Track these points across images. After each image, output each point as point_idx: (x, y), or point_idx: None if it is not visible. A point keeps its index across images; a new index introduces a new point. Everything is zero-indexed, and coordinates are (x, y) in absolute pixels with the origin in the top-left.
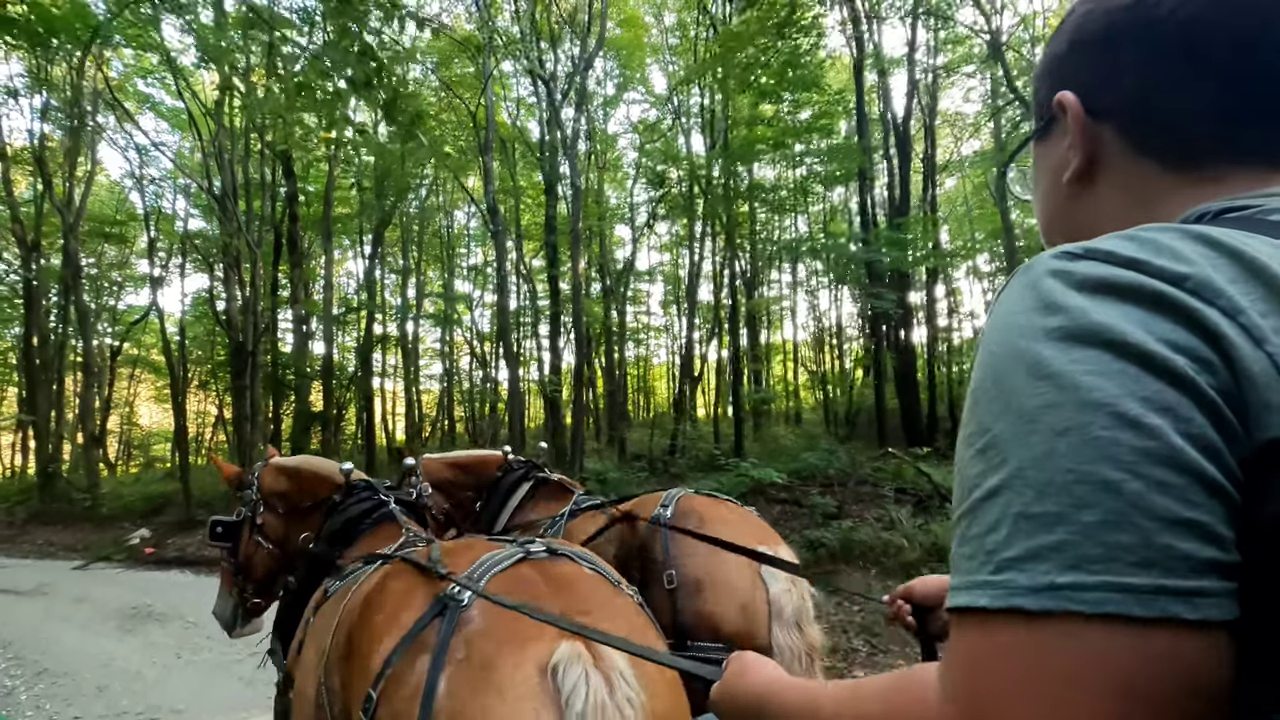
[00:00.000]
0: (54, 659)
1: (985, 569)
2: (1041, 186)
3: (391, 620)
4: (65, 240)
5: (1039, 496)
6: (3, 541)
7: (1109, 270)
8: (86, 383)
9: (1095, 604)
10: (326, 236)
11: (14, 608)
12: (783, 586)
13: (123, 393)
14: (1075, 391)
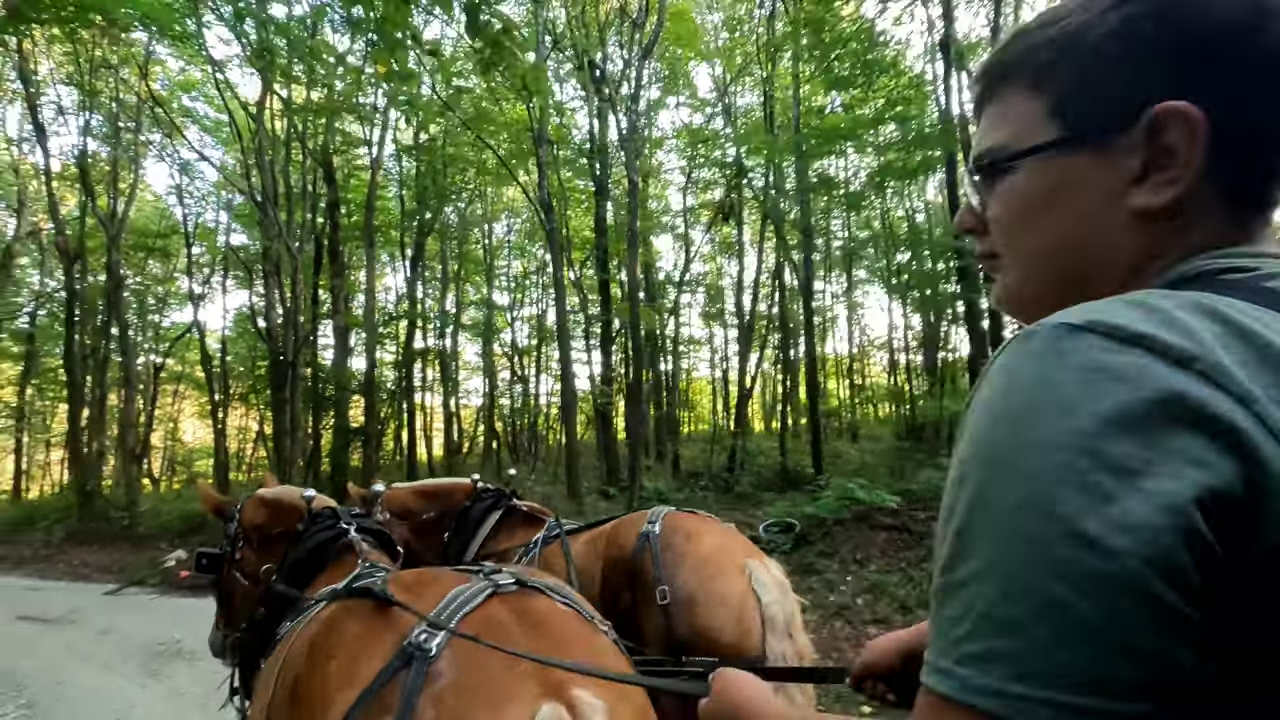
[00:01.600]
0: (69, 707)
1: (949, 657)
2: (1065, 208)
3: (348, 670)
4: (108, 253)
5: (1002, 599)
6: (39, 562)
7: (1110, 357)
8: (127, 397)
9: (1034, 718)
10: (369, 243)
11: (39, 639)
12: (774, 596)
13: (166, 409)
14: (1045, 500)
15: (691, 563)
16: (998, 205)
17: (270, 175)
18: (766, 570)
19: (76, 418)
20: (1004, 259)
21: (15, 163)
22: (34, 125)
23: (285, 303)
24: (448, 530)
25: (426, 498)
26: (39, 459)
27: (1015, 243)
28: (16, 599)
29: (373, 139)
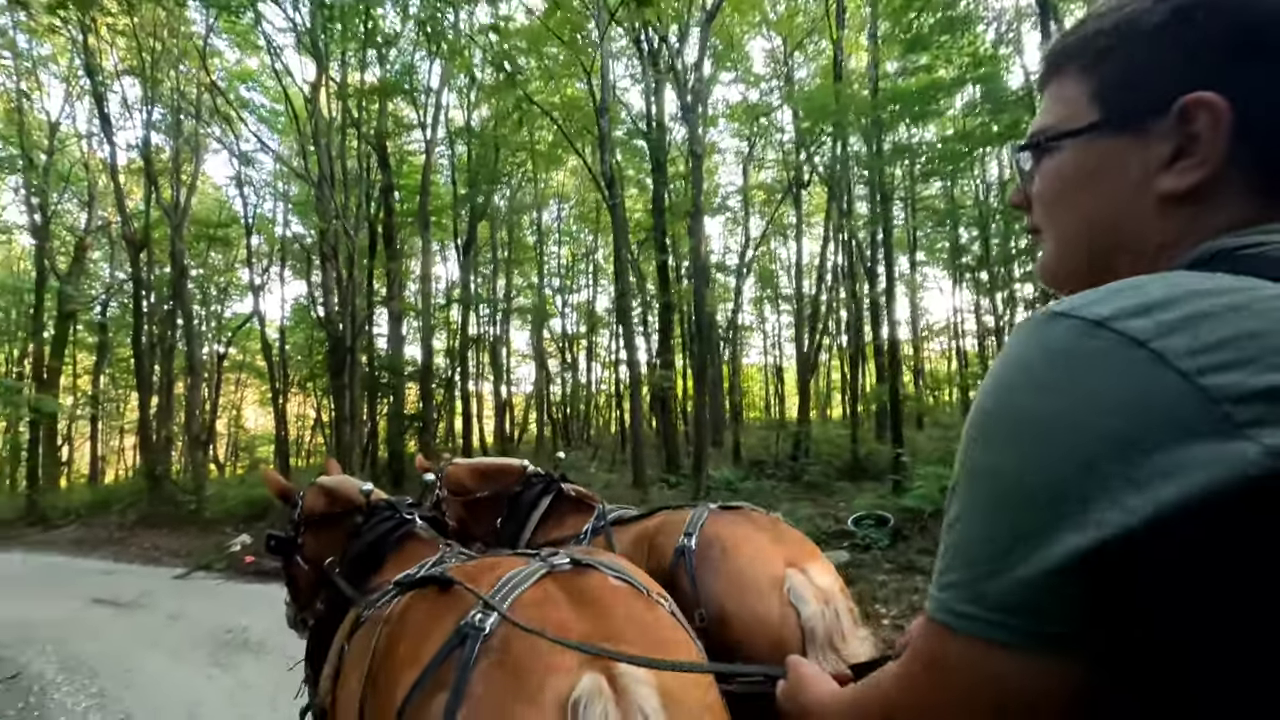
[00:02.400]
0: (138, 697)
1: (935, 584)
2: (1100, 189)
3: (413, 652)
4: (172, 243)
5: (964, 542)
6: (113, 544)
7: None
8: (192, 384)
9: (965, 628)
10: (424, 226)
11: (111, 623)
12: (814, 609)
13: (230, 396)
14: (1001, 474)
15: (726, 580)
16: (1041, 183)
17: (327, 158)
18: (807, 581)
19: (146, 405)
20: (1044, 234)
21: (85, 158)
22: (100, 118)
23: (342, 287)
24: (501, 514)
25: (482, 476)
26: (114, 445)
27: (1053, 219)
28: (93, 582)
29: (426, 120)
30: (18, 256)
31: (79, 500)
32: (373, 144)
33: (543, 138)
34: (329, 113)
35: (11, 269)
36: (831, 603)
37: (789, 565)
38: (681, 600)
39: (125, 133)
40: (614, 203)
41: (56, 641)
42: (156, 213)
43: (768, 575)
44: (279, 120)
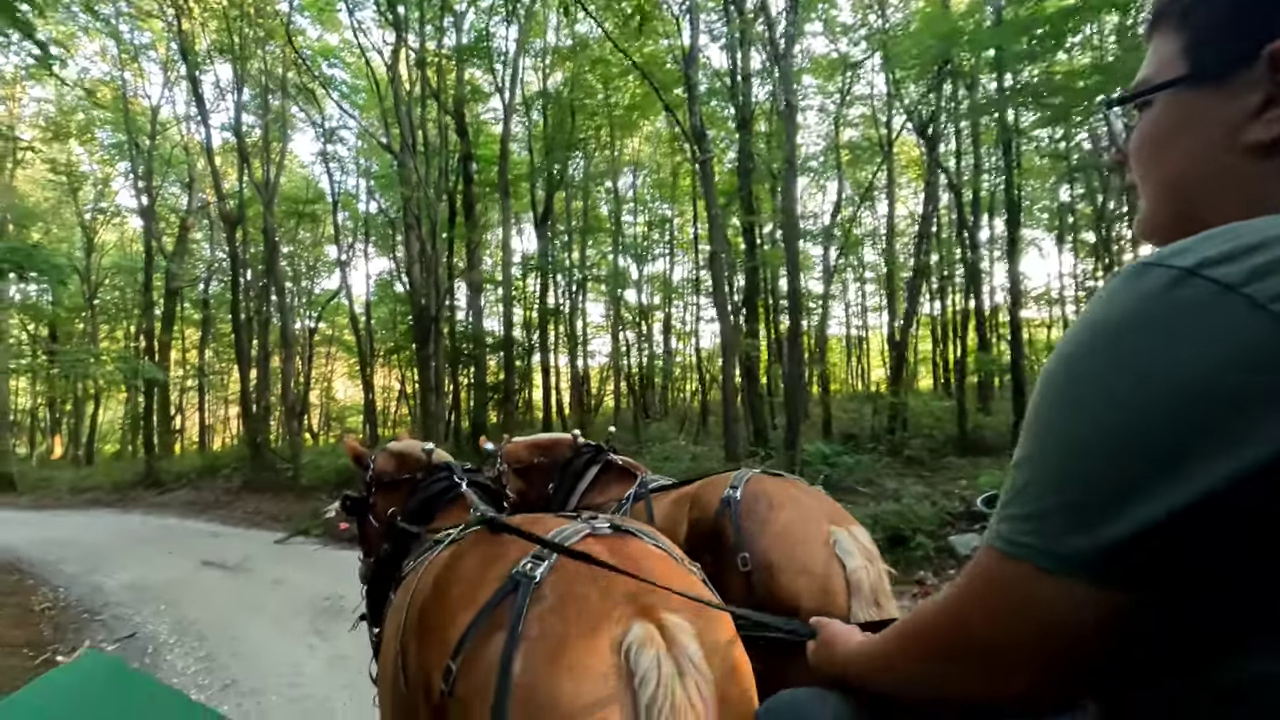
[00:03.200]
0: (242, 664)
1: (997, 517)
2: (1189, 141)
3: (468, 595)
4: (264, 218)
5: (1036, 484)
6: (219, 508)
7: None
8: (286, 356)
9: (1021, 554)
10: (504, 193)
11: (218, 586)
12: (859, 563)
13: (321, 369)
14: (1084, 424)
15: (774, 530)
16: (1135, 138)
17: (408, 126)
18: (853, 538)
19: (245, 377)
20: (1141, 190)
21: (184, 141)
22: (195, 99)
23: (426, 258)
24: (552, 482)
25: (537, 449)
26: (220, 414)
27: (1146, 174)
28: (202, 544)
29: (504, 83)
30: (130, 239)
31: (189, 466)
32: (450, 112)
33: (619, 101)
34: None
35: (125, 251)
36: (875, 563)
37: (833, 522)
38: (724, 547)
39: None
40: (705, 157)
41: (169, 603)
42: (249, 191)
43: (814, 528)
44: (359, 95)
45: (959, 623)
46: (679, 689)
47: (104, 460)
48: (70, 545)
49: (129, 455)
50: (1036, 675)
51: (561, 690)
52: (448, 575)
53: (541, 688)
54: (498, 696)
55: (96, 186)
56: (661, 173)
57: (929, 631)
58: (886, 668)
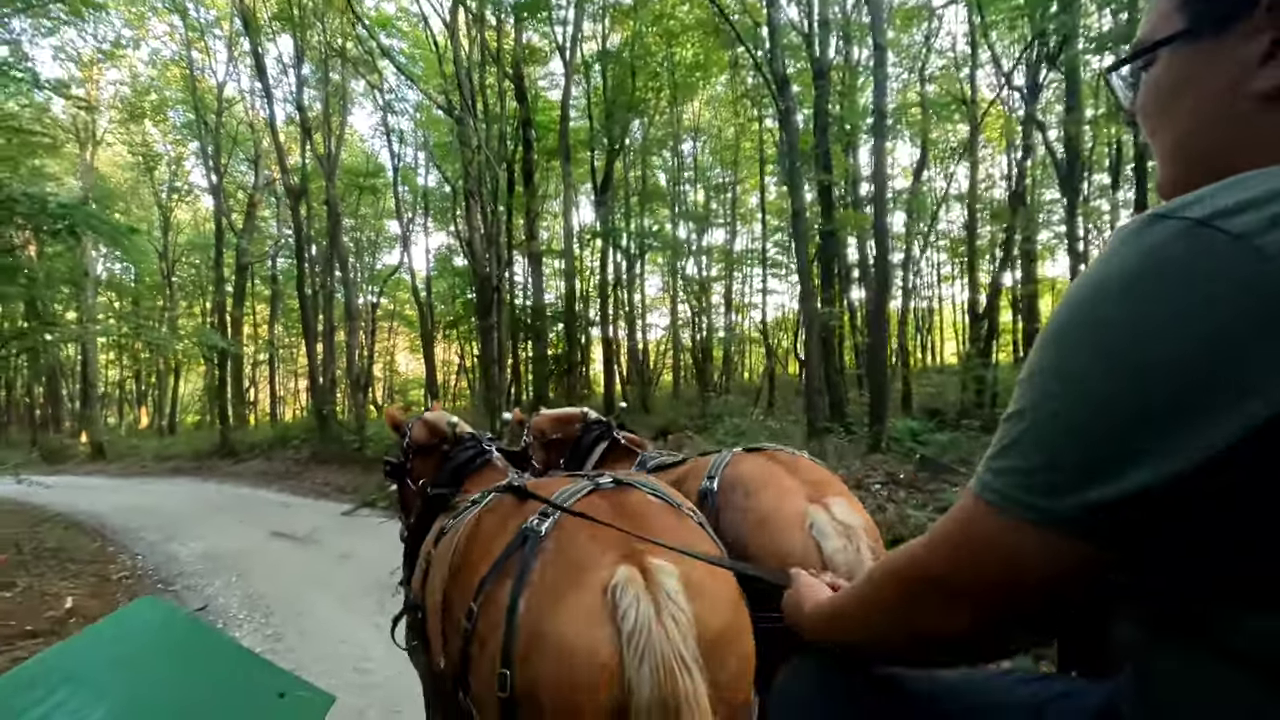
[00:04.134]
0: (309, 645)
1: (984, 467)
2: (1194, 95)
3: (486, 549)
4: (326, 190)
5: (1031, 436)
6: (289, 478)
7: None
8: (350, 329)
9: (1003, 504)
10: (565, 158)
11: (287, 558)
12: (836, 544)
13: (384, 342)
14: (1090, 381)
15: (750, 521)
16: (1140, 98)
17: (468, 86)
18: (829, 516)
19: (312, 351)
20: (1153, 148)
21: (250, 118)
22: (258, 71)
23: (488, 225)
24: (564, 455)
25: (557, 423)
26: (290, 387)
27: (1156, 133)
28: (273, 515)
29: (565, 41)
30: (203, 218)
31: (262, 437)
32: (509, 75)
33: (682, 59)
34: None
35: (198, 229)
36: (854, 539)
37: (812, 502)
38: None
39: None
40: (786, 106)
41: (240, 574)
42: (312, 164)
43: (790, 512)
44: (417, 65)
45: (939, 565)
46: (655, 622)
47: (185, 430)
48: (151, 513)
49: (207, 425)
50: (1002, 616)
51: (558, 626)
52: (474, 532)
53: (542, 624)
54: (507, 632)
55: (170, 166)
56: (721, 140)
57: (907, 572)
58: (851, 616)
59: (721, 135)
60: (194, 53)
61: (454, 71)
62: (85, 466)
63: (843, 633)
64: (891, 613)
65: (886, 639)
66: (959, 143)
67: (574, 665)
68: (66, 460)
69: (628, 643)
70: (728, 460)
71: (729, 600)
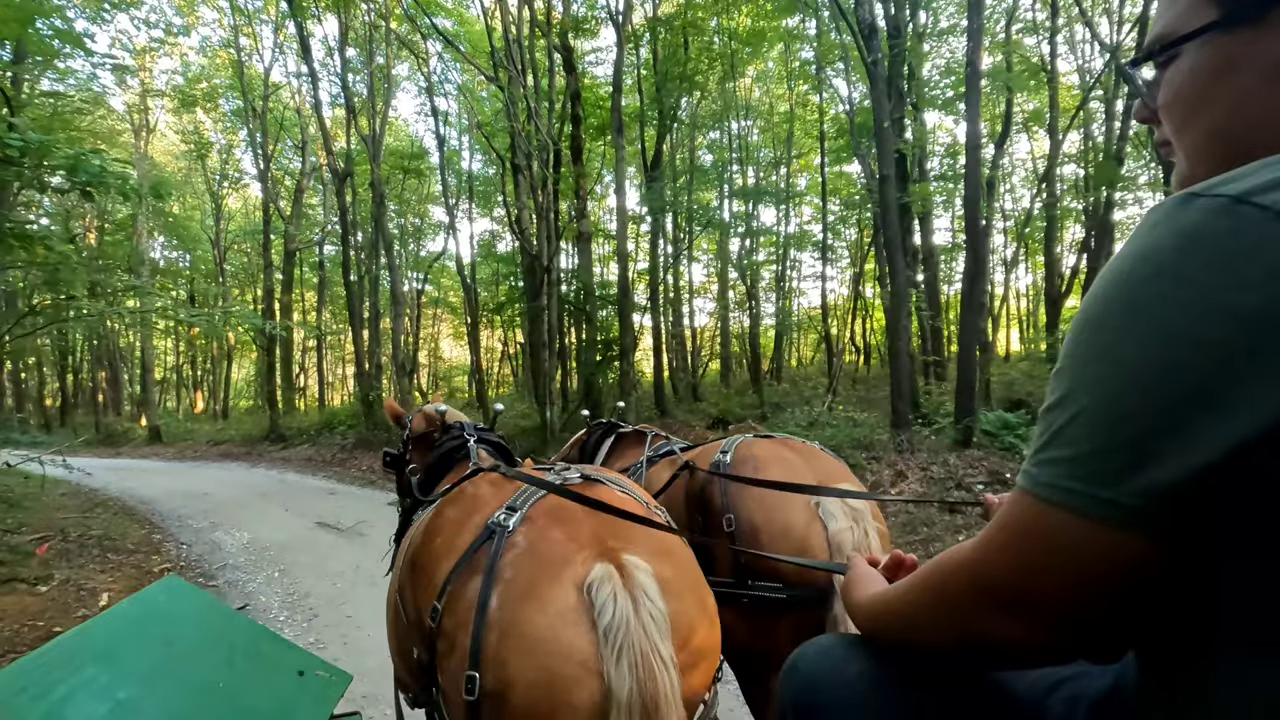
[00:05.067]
0: (351, 655)
1: (1030, 461)
2: (1229, 87)
3: (449, 543)
4: (371, 171)
5: (1075, 425)
6: (335, 465)
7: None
8: (395, 314)
9: (1060, 499)
10: (617, 130)
11: (331, 552)
12: (842, 525)
13: (428, 329)
14: (1129, 364)
15: (757, 494)
16: (1165, 92)
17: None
18: (838, 498)
19: (359, 337)
20: (1175, 147)
21: (297, 104)
22: (302, 47)
23: (538, 201)
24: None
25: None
26: (338, 373)
27: (1182, 129)
28: (319, 503)
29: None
30: (253, 207)
31: (310, 422)
32: (558, 46)
33: (740, 26)
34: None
35: (249, 217)
36: (861, 522)
37: (823, 482)
38: (712, 510)
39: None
40: (874, 58)
41: (284, 568)
42: (357, 145)
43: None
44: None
45: (987, 570)
46: (634, 617)
47: (237, 414)
48: (200, 499)
49: (259, 410)
50: (1058, 621)
51: (533, 623)
52: (433, 525)
53: (516, 623)
54: (475, 629)
55: (221, 154)
56: (774, 116)
57: (954, 578)
58: (898, 614)
59: (773, 112)
60: (242, 39)
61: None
62: (143, 450)
63: (890, 630)
64: (939, 619)
65: (936, 642)
66: (1027, 115)
67: (551, 664)
68: (126, 443)
69: (605, 640)
70: (741, 440)
71: (698, 597)
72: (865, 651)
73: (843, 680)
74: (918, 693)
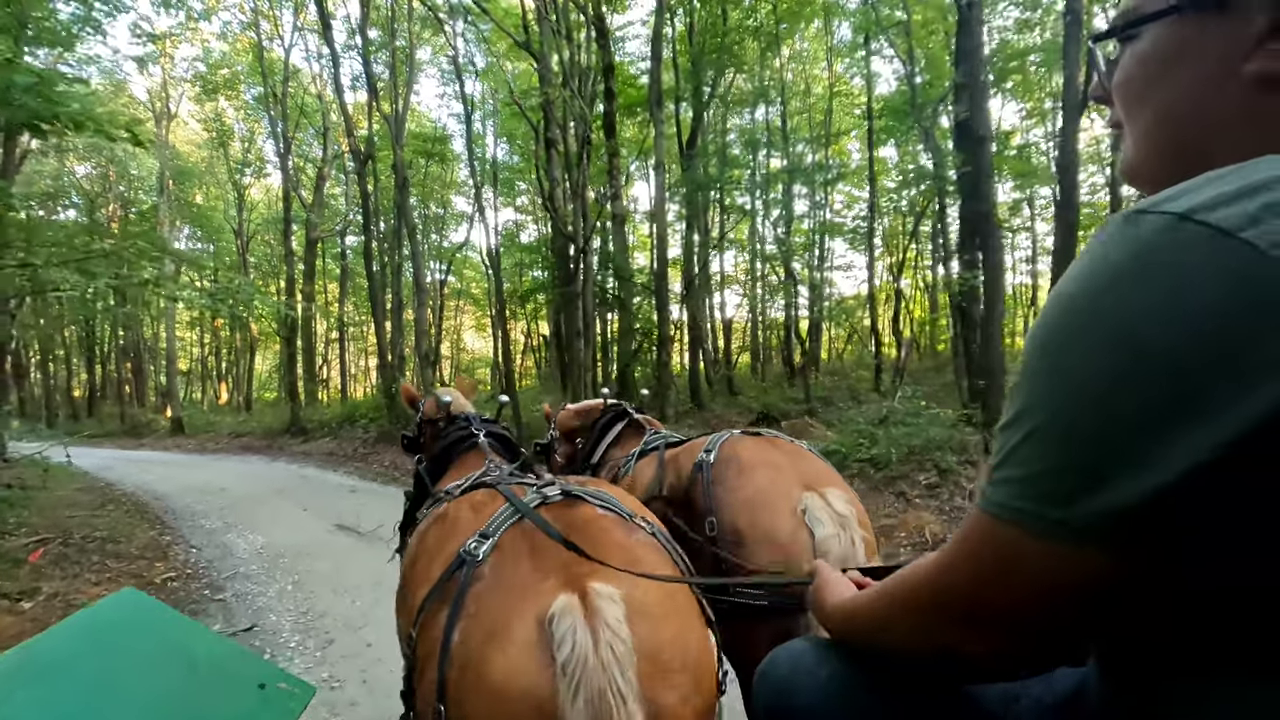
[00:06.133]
0: (370, 696)
1: (988, 481)
2: (1182, 73)
3: (425, 570)
4: (393, 151)
5: (1025, 446)
6: (356, 460)
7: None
8: (418, 303)
9: (1001, 513)
10: (655, 102)
11: (350, 561)
12: (829, 531)
13: (451, 321)
14: (1077, 383)
15: (741, 498)
16: (1121, 73)
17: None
18: (826, 504)
19: (381, 327)
20: (1126, 129)
21: (318, 90)
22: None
23: (572, 178)
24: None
25: (578, 416)
26: (360, 365)
27: (1134, 113)
28: (339, 502)
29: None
30: (275, 197)
31: (331, 415)
32: (589, 17)
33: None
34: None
35: (271, 207)
36: (848, 529)
37: (806, 488)
38: (694, 512)
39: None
40: (970, 3)
41: (298, 580)
42: (379, 126)
43: (783, 494)
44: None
45: (947, 584)
46: (592, 653)
47: (260, 406)
48: (216, 495)
49: (283, 402)
50: (1015, 634)
51: (492, 660)
52: (417, 549)
53: (474, 659)
54: (440, 663)
55: (244, 143)
56: (809, 96)
57: (918, 589)
58: (868, 618)
59: (809, 94)
60: (262, 23)
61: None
62: (165, 441)
63: (860, 634)
64: (905, 628)
65: (904, 651)
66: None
67: (506, 703)
68: (149, 435)
69: (562, 676)
70: (725, 439)
71: (678, 617)
72: (837, 655)
73: (815, 684)
74: (889, 696)
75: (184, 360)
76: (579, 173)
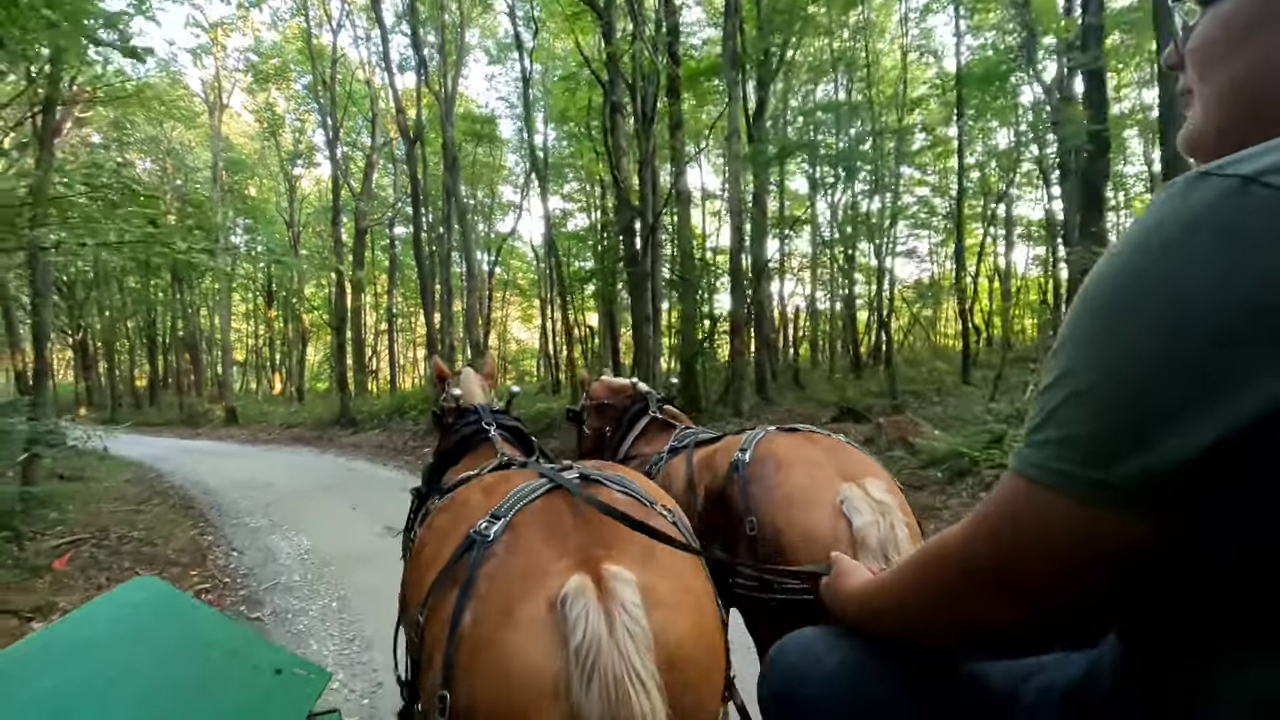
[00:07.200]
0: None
1: (1025, 442)
2: (1266, 37)
3: (435, 554)
4: (442, 129)
5: (1059, 404)
6: (406, 454)
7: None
8: (468, 288)
9: (1050, 480)
10: (730, 62)
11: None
12: (868, 519)
13: (498, 312)
14: (1132, 347)
15: (779, 495)
16: (1198, 37)
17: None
18: (864, 494)
19: (430, 317)
20: (1196, 95)
21: (366, 75)
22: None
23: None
24: (613, 423)
25: (612, 392)
26: (409, 355)
27: (1208, 76)
28: (387, 501)
29: None
30: (325, 188)
31: (381, 406)
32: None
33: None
34: None
35: (321, 197)
36: (888, 516)
37: (845, 480)
38: (733, 511)
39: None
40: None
41: (343, 596)
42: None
43: (821, 489)
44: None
45: (976, 552)
46: (607, 637)
47: (312, 397)
48: (263, 489)
49: (333, 393)
50: (1045, 605)
51: (504, 641)
52: (425, 535)
53: (483, 641)
54: (448, 646)
55: (294, 133)
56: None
57: (944, 559)
58: (891, 597)
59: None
60: (310, 9)
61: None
62: (219, 431)
63: (879, 618)
64: (930, 602)
65: (927, 628)
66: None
67: (511, 686)
68: (205, 424)
69: (574, 660)
70: (760, 436)
71: (696, 607)
72: (847, 643)
73: (823, 672)
74: (897, 684)
75: (239, 351)
76: (647, 141)
